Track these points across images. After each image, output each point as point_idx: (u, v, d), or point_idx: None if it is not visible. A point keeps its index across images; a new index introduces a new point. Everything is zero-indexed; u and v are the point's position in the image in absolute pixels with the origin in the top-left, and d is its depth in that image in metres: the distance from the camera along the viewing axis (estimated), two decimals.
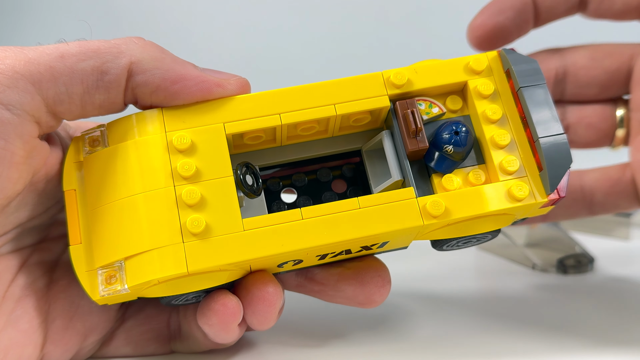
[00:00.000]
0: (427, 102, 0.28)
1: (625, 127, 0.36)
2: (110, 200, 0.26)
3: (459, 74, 0.28)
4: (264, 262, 0.26)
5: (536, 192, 0.26)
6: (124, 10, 0.72)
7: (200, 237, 0.25)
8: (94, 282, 0.25)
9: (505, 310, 0.36)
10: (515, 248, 0.44)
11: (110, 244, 0.25)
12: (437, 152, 0.27)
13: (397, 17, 0.71)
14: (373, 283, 0.28)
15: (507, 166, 0.26)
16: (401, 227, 0.25)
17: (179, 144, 0.26)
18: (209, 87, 0.26)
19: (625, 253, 0.47)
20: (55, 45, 0.25)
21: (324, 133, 0.28)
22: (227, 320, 0.26)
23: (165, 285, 0.25)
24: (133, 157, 0.26)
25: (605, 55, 0.36)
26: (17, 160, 0.24)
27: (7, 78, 0.24)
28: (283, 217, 0.25)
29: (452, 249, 0.30)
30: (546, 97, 0.27)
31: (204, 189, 0.25)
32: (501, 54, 0.28)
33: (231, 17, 0.71)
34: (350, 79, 0.27)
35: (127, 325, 0.29)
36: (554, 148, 0.26)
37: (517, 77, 0.27)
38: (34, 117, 0.25)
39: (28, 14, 0.71)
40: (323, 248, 0.25)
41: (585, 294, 0.39)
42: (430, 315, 0.35)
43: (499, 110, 0.27)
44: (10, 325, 0.26)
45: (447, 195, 0.26)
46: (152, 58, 0.26)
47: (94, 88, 0.25)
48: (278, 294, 0.27)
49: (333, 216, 0.25)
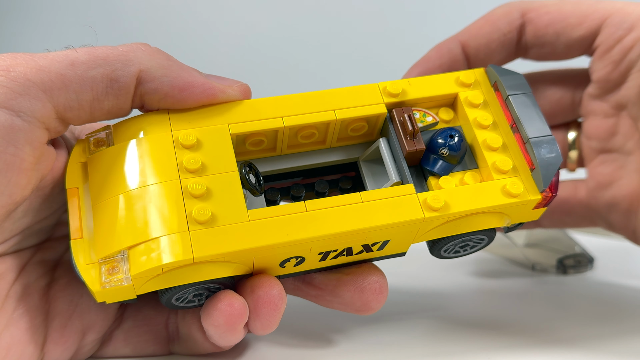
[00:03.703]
0: (421, 111, 0.29)
1: (577, 150, 0.36)
2: (113, 195, 0.26)
3: (450, 86, 0.29)
4: (267, 257, 0.26)
5: (530, 190, 0.27)
6: (124, 11, 0.72)
7: (206, 225, 0.25)
8: (94, 274, 0.25)
9: (505, 310, 0.37)
10: (515, 248, 0.44)
11: (112, 235, 0.25)
12: (433, 156, 0.28)
13: (392, 33, 0.71)
14: (371, 289, 0.28)
15: (500, 165, 0.27)
16: (403, 219, 0.26)
17: (185, 141, 0.26)
18: (214, 93, 0.27)
19: (625, 253, 0.46)
20: (65, 52, 0.26)
21: (322, 144, 0.29)
22: (233, 321, 0.26)
23: (168, 275, 0.25)
24: (138, 153, 0.26)
25: (547, 85, 0.36)
26: (26, 167, 0.25)
27: (19, 85, 0.24)
28: (288, 209, 0.25)
29: (450, 256, 0.30)
30: (533, 103, 0.28)
31: (209, 182, 0.26)
32: (488, 70, 0.30)
33: (230, 19, 0.72)
34: (348, 89, 0.28)
35: (126, 326, 0.29)
36: (545, 147, 0.27)
37: (505, 87, 0.28)
38: (44, 123, 0.25)
39: (28, 15, 0.71)
40: (327, 241, 0.26)
41: (585, 294, 0.39)
42: (429, 314, 0.35)
43: (490, 117, 0.29)
44: (12, 324, 0.26)
45: (446, 191, 0.27)
46: (160, 66, 0.26)
47: (103, 95, 0.26)
48: (282, 298, 0.27)
49: (336, 209, 0.26)
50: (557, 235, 0.45)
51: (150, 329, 0.29)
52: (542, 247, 0.44)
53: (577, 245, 0.44)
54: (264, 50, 0.70)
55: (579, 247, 0.44)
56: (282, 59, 0.69)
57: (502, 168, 0.27)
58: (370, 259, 0.29)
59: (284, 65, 0.68)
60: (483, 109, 0.29)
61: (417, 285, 0.39)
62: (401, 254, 0.29)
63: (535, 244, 0.44)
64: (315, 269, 0.28)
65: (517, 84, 0.29)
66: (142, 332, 0.29)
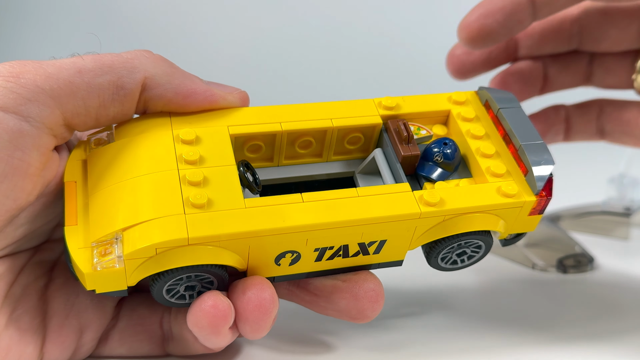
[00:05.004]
0: (416, 125, 0.30)
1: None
2: (110, 184, 0.26)
3: (442, 103, 0.30)
4: (263, 248, 0.26)
5: (524, 192, 0.28)
6: (122, 18, 0.72)
7: (203, 209, 0.25)
8: (86, 256, 0.24)
9: (505, 310, 0.37)
10: (515, 248, 0.44)
11: (107, 219, 0.25)
12: (428, 163, 0.28)
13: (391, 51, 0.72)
14: (367, 297, 0.28)
15: (495, 170, 0.28)
16: (399, 212, 0.26)
17: (185, 136, 0.27)
18: (215, 99, 0.28)
19: (625, 253, 0.46)
20: (71, 59, 0.26)
21: (319, 157, 0.30)
22: (217, 323, 0.25)
23: (161, 257, 0.24)
24: (138, 147, 0.27)
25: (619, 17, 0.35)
26: (32, 172, 0.25)
27: (29, 92, 0.25)
28: (284, 199, 0.26)
29: (448, 267, 0.30)
30: (523, 115, 0.29)
31: (207, 172, 0.26)
32: (479, 91, 0.31)
33: (229, 29, 0.72)
34: (345, 102, 0.29)
35: (121, 325, 0.29)
36: (537, 152, 0.28)
37: (495, 101, 0.29)
38: (52, 130, 0.26)
39: (28, 22, 0.71)
40: (322, 233, 0.26)
41: (585, 294, 0.39)
42: (429, 315, 0.36)
43: (482, 129, 0.29)
44: (12, 325, 0.26)
45: (441, 190, 0.27)
46: (164, 73, 0.27)
47: (110, 101, 0.26)
48: (274, 302, 0.26)
49: (333, 201, 0.26)
50: (557, 235, 0.45)
51: (144, 329, 0.29)
52: (542, 247, 0.44)
53: (577, 245, 0.44)
54: (263, 60, 0.70)
55: (579, 247, 0.44)
56: (281, 71, 0.69)
57: (496, 172, 0.28)
58: (366, 265, 0.29)
59: (283, 78, 0.69)
60: (475, 122, 0.30)
61: (416, 286, 0.39)
62: (398, 263, 0.29)
63: (536, 244, 0.44)
64: (311, 271, 0.28)
65: (507, 99, 0.30)
66: (137, 331, 0.29)
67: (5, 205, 0.24)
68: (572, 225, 0.49)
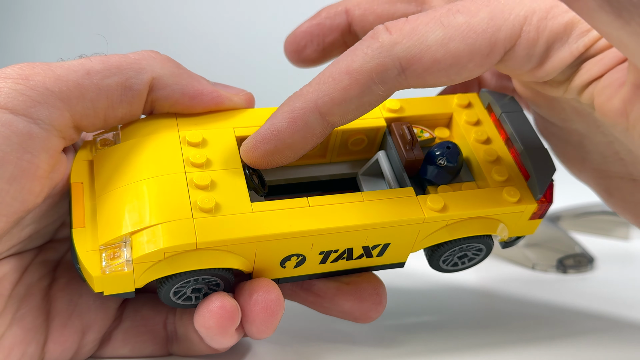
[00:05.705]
0: (419, 128, 0.30)
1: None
2: (118, 186, 0.26)
3: (445, 106, 0.30)
4: (269, 251, 0.26)
5: (526, 198, 0.28)
6: (125, 18, 0.72)
7: (210, 213, 0.25)
8: (95, 260, 0.24)
9: (504, 310, 0.37)
10: (515, 248, 0.44)
11: (115, 222, 0.25)
12: (431, 166, 0.29)
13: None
14: (371, 300, 0.28)
15: (497, 175, 0.28)
16: (404, 217, 0.26)
17: (192, 139, 0.27)
18: (222, 100, 0.28)
19: (625, 253, 0.46)
20: (80, 61, 0.26)
21: (323, 157, 0.30)
22: (224, 323, 0.26)
23: (170, 261, 0.24)
24: (145, 149, 0.27)
25: None
26: (41, 174, 0.25)
27: (38, 94, 0.25)
28: (291, 204, 0.26)
29: (449, 268, 0.31)
30: (526, 119, 0.29)
31: (214, 175, 0.26)
32: (481, 94, 0.31)
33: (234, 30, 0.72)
34: None
35: (124, 325, 0.29)
36: (539, 157, 0.28)
37: (498, 106, 0.29)
38: (61, 132, 0.26)
39: (29, 23, 0.71)
40: (328, 237, 0.26)
41: (585, 294, 0.39)
42: (429, 314, 0.36)
43: (484, 133, 0.30)
44: (15, 324, 0.26)
45: (445, 195, 0.28)
46: (171, 74, 0.27)
47: (118, 102, 0.26)
48: (280, 304, 0.26)
49: (338, 205, 0.26)
50: (557, 235, 0.45)
51: (148, 329, 0.29)
52: (542, 247, 0.44)
53: (577, 245, 0.44)
54: (269, 62, 0.70)
55: (579, 247, 0.44)
56: (287, 73, 0.69)
57: (498, 178, 0.28)
58: (369, 267, 0.29)
59: (289, 80, 0.69)
60: (478, 125, 0.30)
61: (417, 285, 0.39)
62: (400, 265, 0.30)
63: (536, 244, 0.44)
64: (315, 273, 0.29)
65: (509, 104, 0.30)
66: (140, 332, 0.29)
67: (13, 207, 0.24)
68: (572, 225, 0.49)
